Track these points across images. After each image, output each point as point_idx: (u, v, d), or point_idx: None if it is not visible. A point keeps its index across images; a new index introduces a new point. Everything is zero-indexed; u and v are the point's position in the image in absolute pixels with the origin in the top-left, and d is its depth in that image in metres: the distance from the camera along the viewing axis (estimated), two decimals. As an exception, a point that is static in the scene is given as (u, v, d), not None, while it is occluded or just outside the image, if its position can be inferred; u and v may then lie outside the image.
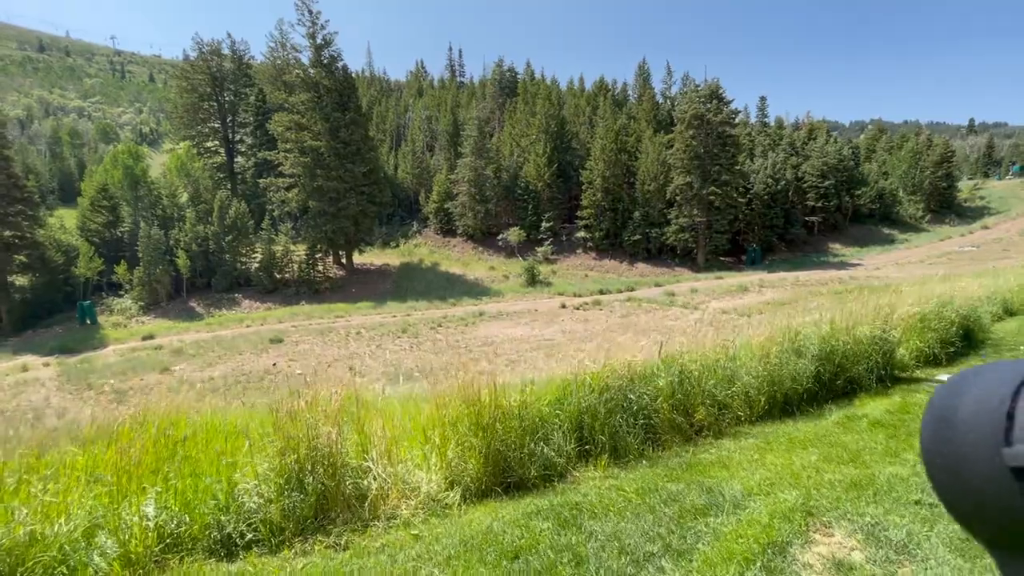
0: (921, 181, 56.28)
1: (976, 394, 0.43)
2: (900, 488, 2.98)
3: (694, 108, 42.89)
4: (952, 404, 0.45)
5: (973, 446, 0.41)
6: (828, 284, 33.12)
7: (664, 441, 3.89)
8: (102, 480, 2.81)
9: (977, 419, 0.41)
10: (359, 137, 40.80)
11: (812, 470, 3.22)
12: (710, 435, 4.07)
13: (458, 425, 3.30)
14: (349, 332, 28.54)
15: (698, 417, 4.06)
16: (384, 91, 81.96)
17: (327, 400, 3.28)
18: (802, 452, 3.56)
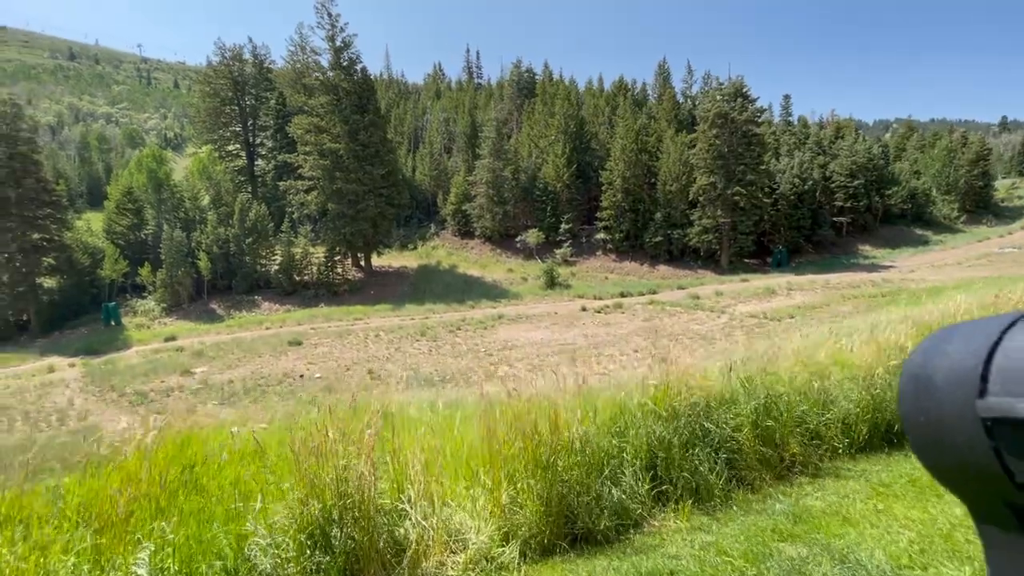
0: (956, 180, 54.12)
1: (953, 351, 0.44)
2: None
3: (718, 107, 41.83)
4: (930, 362, 0.46)
5: (949, 402, 0.42)
6: (860, 287, 31.83)
7: (751, 480, 3.28)
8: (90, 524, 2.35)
9: (954, 376, 0.43)
10: (377, 139, 40.73)
11: (965, 530, 2.57)
12: (805, 472, 3.44)
13: (513, 462, 2.75)
14: (367, 334, 28.29)
15: (791, 450, 3.45)
16: (402, 93, 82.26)
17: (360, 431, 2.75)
18: (937, 502, 2.90)
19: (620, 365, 19.94)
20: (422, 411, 6.73)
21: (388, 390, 17.76)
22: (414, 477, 2.81)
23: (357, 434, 2.79)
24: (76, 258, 36.68)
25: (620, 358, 21.39)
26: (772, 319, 26.21)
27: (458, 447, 3.28)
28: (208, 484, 3.38)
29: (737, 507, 3.03)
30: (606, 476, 2.95)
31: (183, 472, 3.12)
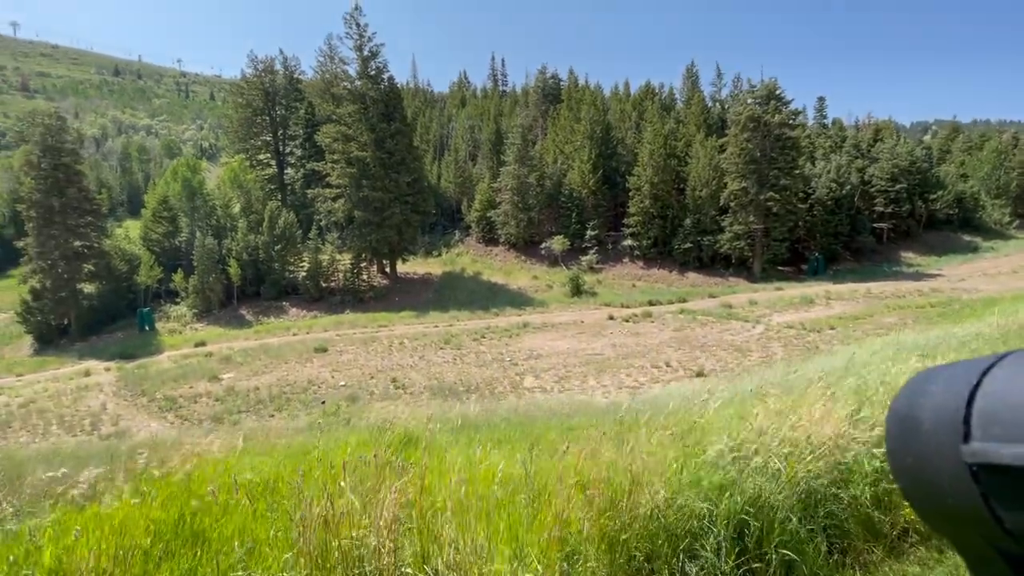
0: (1007, 183, 51.23)
1: (936, 395, 0.44)
2: None
3: (749, 110, 40.60)
4: (914, 406, 0.46)
5: (935, 447, 0.42)
6: (906, 296, 30.17)
7: (858, 552, 2.67)
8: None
9: (937, 420, 0.43)
10: (404, 147, 40.93)
11: None
12: (924, 544, 2.79)
13: (574, 539, 2.23)
14: (392, 342, 28.13)
15: (904, 513, 2.82)
16: (428, 102, 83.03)
17: (378, 504, 2.26)
18: None
19: (651, 378, 19.17)
20: (453, 437, 6.26)
21: (413, 403, 17.39)
22: (446, 548, 2.32)
23: (375, 488, 2.32)
24: (114, 264, 37.83)
25: (651, 370, 20.59)
26: (811, 330, 24.98)
27: (502, 503, 2.76)
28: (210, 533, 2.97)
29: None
30: (683, 548, 2.40)
31: (178, 523, 2.71)
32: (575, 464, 2.53)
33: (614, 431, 3.14)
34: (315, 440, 6.35)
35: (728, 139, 42.13)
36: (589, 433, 3.13)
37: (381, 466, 3.72)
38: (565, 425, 6.20)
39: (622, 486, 2.43)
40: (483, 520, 2.73)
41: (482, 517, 2.74)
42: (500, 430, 7.23)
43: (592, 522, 2.33)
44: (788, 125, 40.69)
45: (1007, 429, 0.37)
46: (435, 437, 6.57)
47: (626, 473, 2.46)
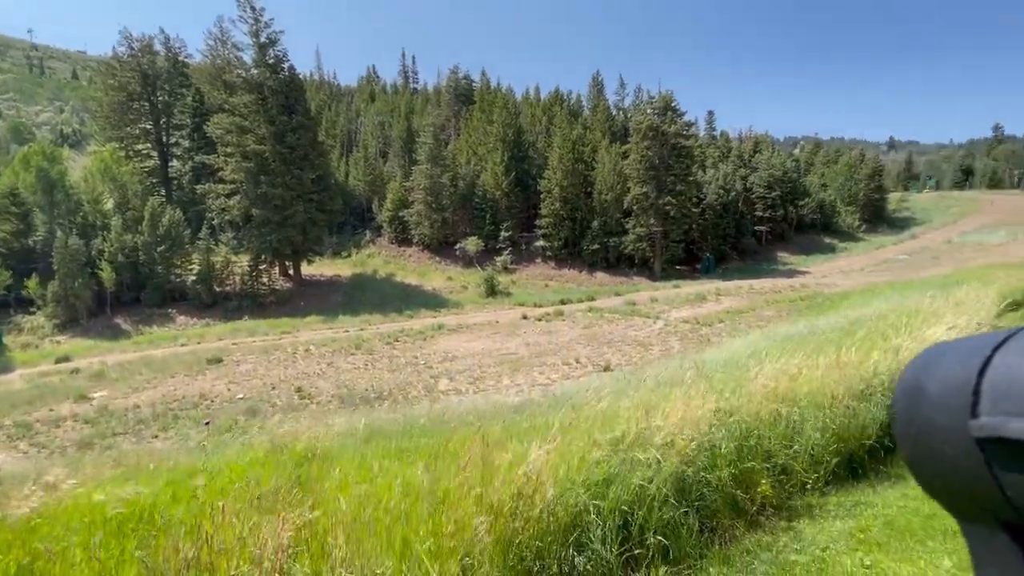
0: (856, 193, 59.73)
1: (945, 369, 0.45)
2: None
3: (649, 120, 43.53)
4: (922, 379, 0.46)
5: (942, 419, 0.43)
6: (781, 292, 34.00)
7: (724, 529, 2.98)
8: None
9: (946, 393, 0.43)
10: (307, 142, 38.70)
11: None
12: (778, 515, 3.19)
13: (470, 547, 2.24)
14: (297, 349, 26.48)
15: (761, 490, 3.20)
16: (334, 95, 79.23)
17: (268, 530, 2.11)
18: (924, 552, 2.70)
19: (563, 375, 19.84)
20: (359, 448, 6.04)
21: (320, 414, 16.52)
22: (337, 559, 2.24)
23: (270, 510, 2.18)
24: (-56, 269, 31.78)
25: (562, 367, 21.31)
26: (704, 324, 27.30)
27: (397, 519, 2.71)
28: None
29: (715, 568, 2.70)
30: (572, 542, 2.52)
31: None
32: (475, 469, 2.57)
33: (514, 432, 3.23)
34: (202, 462, 5.82)
35: (630, 146, 44.81)
36: (492, 436, 3.18)
37: (275, 487, 3.51)
38: (475, 428, 6.24)
39: (518, 488, 2.51)
40: (381, 534, 2.68)
41: (380, 531, 2.68)
42: (410, 437, 7.10)
43: (489, 527, 2.37)
44: (683, 135, 44.16)
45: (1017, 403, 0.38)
46: (339, 450, 6.30)
47: (523, 475, 2.55)
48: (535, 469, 2.69)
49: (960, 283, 12.82)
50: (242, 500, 3.24)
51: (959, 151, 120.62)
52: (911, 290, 18.82)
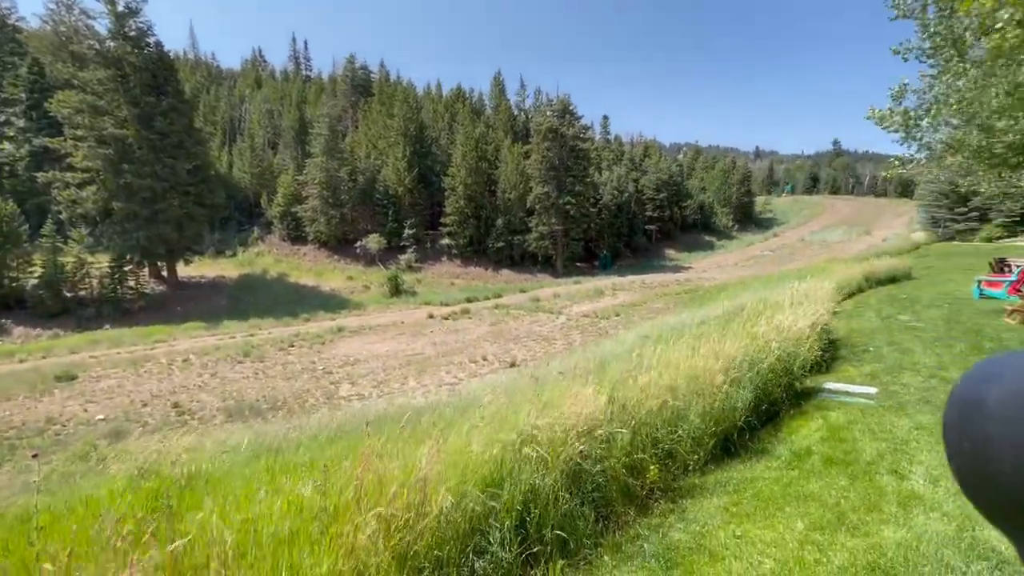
0: (730, 196, 66.87)
1: (1006, 382, 0.43)
2: (925, 567, 2.61)
3: (549, 121, 45.02)
4: (982, 391, 0.45)
5: (1001, 432, 0.41)
6: (669, 286, 36.97)
7: (618, 516, 3.15)
8: None
9: (1005, 407, 0.42)
10: (181, 128, 34.65)
11: (814, 550, 2.72)
12: (665, 497, 3.44)
13: (364, 563, 2.11)
14: (173, 360, 23.65)
15: (650, 476, 3.43)
16: (214, 78, 71.82)
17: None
18: (783, 518, 3.08)
19: (470, 373, 19.86)
20: (245, 467, 5.52)
21: (203, 430, 14.93)
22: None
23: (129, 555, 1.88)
24: None
25: (470, 365, 21.32)
26: (602, 318, 28.87)
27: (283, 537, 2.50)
28: None
29: (608, 555, 2.85)
30: (471, 547, 2.50)
31: None
32: (369, 480, 2.45)
33: (411, 437, 3.14)
34: (45, 500, 4.97)
35: (532, 147, 46.02)
36: (388, 442, 3.06)
37: (139, 521, 3.09)
38: (374, 435, 6.01)
39: (413, 497, 2.44)
40: (267, 560, 2.46)
41: (266, 557, 2.46)
42: (306, 450, 6.66)
43: (384, 541, 2.28)
44: (580, 138, 46.26)
45: None
46: (223, 469, 5.73)
47: (418, 483, 2.48)
48: (428, 475, 2.63)
49: (809, 276, 14.85)
50: (95, 542, 2.81)
51: (808, 161, 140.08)
52: (773, 283, 21.49)
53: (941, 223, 42.29)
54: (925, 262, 26.91)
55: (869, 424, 4.72)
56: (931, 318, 10.53)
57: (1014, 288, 13.46)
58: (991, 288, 13.94)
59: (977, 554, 2.71)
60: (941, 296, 14.04)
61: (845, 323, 10.20)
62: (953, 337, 8.59)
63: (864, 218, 64.99)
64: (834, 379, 6.40)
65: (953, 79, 8.93)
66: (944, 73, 9.19)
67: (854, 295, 15.57)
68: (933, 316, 10.74)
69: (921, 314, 11.10)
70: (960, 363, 6.91)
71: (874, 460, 3.92)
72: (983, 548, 2.75)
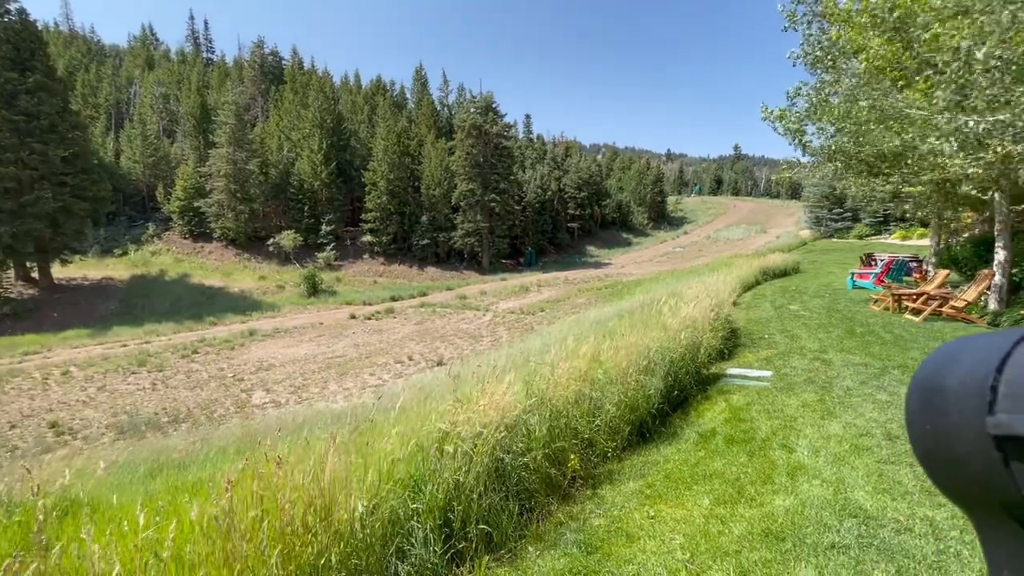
0: (645, 195, 70.62)
1: (963, 366, 0.44)
2: (807, 528, 2.91)
3: (472, 118, 44.91)
4: (938, 376, 0.46)
5: (958, 416, 0.43)
6: (590, 282, 38.38)
7: (541, 507, 3.22)
8: None
9: (964, 390, 0.43)
10: (53, 110, 30.52)
11: (717, 523, 2.95)
12: (586, 485, 3.57)
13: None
14: (49, 373, 20.87)
15: (571, 465, 3.54)
16: (94, 55, 63.94)
17: None
18: (691, 496, 3.31)
19: (395, 374, 19.39)
20: (141, 488, 5.00)
21: (88, 451, 13.37)
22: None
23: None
24: None
25: (395, 366, 20.81)
26: (528, 313, 29.37)
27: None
28: None
29: (532, 546, 2.91)
30: (392, 551, 2.44)
31: None
32: (268, 493, 2.30)
33: (316, 443, 3.01)
34: None
35: (456, 143, 45.68)
36: (291, 452, 2.90)
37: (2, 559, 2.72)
38: (283, 442, 5.73)
39: (318, 505, 2.33)
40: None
41: None
42: (212, 464, 6.17)
43: (287, 556, 2.16)
44: (503, 136, 46.61)
45: None
46: (112, 493, 5.16)
47: (323, 490, 2.37)
48: (334, 481, 2.52)
49: (715, 270, 16.11)
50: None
51: (713, 164, 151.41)
52: (683, 276, 23.02)
53: (823, 222, 47.54)
54: (811, 257, 30.18)
55: (764, 405, 5.22)
56: (815, 307, 11.82)
57: (879, 279, 15.49)
58: (862, 279, 15.94)
59: (848, 512, 3.10)
60: (823, 287, 15.80)
61: (744, 313, 11.17)
62: (832, 324, 9.71)
63: (761, 217, 71.51)
64: (735, 365, 7.00)
65: (830, 90, 10.05)
66: (824, 84, 10.35)
67: (752, 288, 17.08)
68: (816, 305, 12.07)
69: (807, 303, 12.43)
70: (837, 346, 7.84)
71: (768, 437, 4.35)
72: (853, 507, 3.15)
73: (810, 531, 2.87)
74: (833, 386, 5.77)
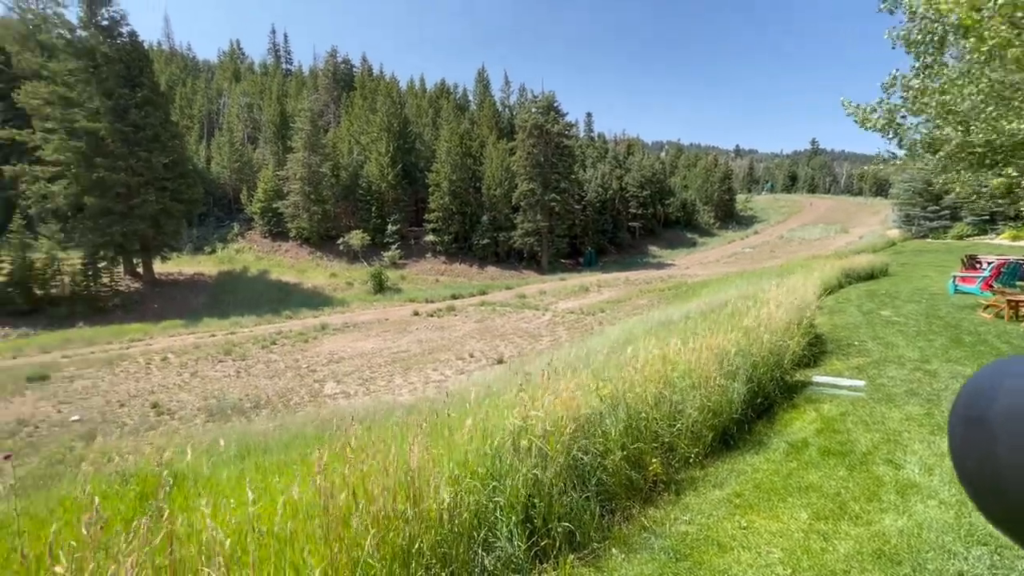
0: (712, 194, 67.72)
1: (1008, 391, 0.42)
2: (927, 552, 2.65)
3: (533, 118, 44.95)
4: (982, 402, 0.44)
5: (1006, 443, 0.40)
6: (652, 283, 37.28)
7: (622, 509, 3.14)
8: None
9: (1010, 415, 0.41)
10: (157, 121, 33.71)
11: (819, 539, 2.75)
12: (668, 490, 3.44)
13: (367, 564, 2.04)
14: (151, 359, 23.06)
15: (652, 469, 3.42)
16: (190, 70, 70.06)
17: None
18: (786, 508, 3.11)
19: (457, 370, 19.75)
20: (233, 466, 5.38)
21: (184, 431, 14.60)
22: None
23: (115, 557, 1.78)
24: None
25: (456, 362, 21.22)
26: (588, 314, 28.98)
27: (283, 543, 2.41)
28: None
29: (617, 548, 2.83)
30: (478, 542, 2.45)
31: None
32: (357, 477, 2.37)
33: (399, 433, 3.08)
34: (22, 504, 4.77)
35: (517, 143, 45.92)
36: (379, 438, 2.99)
37: (127, 523, 2.98)
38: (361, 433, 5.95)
39: (408, 493, 2.37)
40: (268, 562, 2.38)
41: (265, 559, 2.38)
42: (293, 449, 6.53)
43: (382, 540, 2.21)
44: (565, 135, 46.30)
45: None
46: (209, 470, 5.58)
47: (409, 478, 2.41)
48: (420, 470, 2.56)
49: (791, 272, 15.12)
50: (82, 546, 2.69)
51: (787, 160, 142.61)
52: (755, 279, 21.80)
53: (915, 221, 43.42)
54: (900, 258, 27.64)
55: (861, 416, 4.80)
56: (910, 313, 10.79)
57: (987, 284, 13.89)
58: (965, 284, 14.36)
59: (976, 539, 2.77)
60: (918, 292, 14.40)
61: (828, 318, 10.39)
62: (934, 331, 8.81)
63: (841, 216, 66.47)
64: (822, 373, 6.50)
65: (934, 75, 9.10)
66: (925, 68, 9.37)
67: (834, 291, 15.88)
68: (912, 311, 11.01)
69: (900, 309, 11.37)
70: (942, 356, 7.08)
71: (869, 451, 3.99)
72: (982, 534, 2.81)
73: (931, 556, 2.59)
74: (941, 399, 5.21)
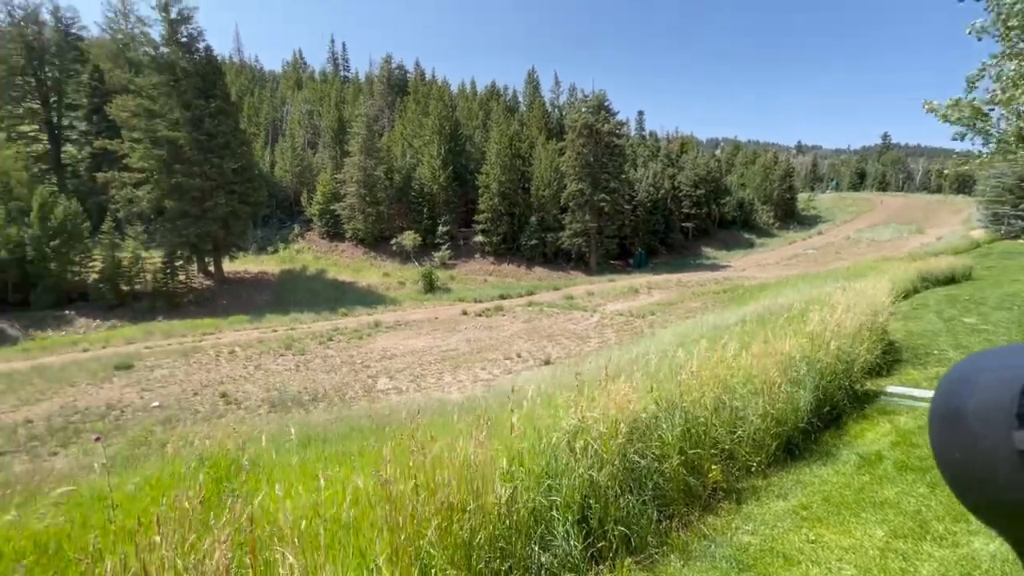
0: (771, 192, 64.57)
1: (986, 382, 0.43)
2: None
3: (583, 118, 44.56)
4: (958, 396, 0.45)
5: (984, 434, 0.41)
6: (706, 285, 36.03)
7: (680, 516, 3.08)
8: None
9: (987, 406, 0.42)
10: (228, 129, 36.04)
11: (898, 559, 2.59)
12: (728, 498, 3.35)
13: (428, 553, 2.13)
14: (220, 352, 24.68)
15: (712, 476, 3.33)
16: (257, 80, 74.43)
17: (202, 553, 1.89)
18: (859, 524, 2.95)
19: (505, 369, 19.90)
20: (296, 455, 5.66)
21: (249, 419, 15.51)
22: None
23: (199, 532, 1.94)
24: None
25: (504, 362, 21.37)
26: (637, 316, 28.40)
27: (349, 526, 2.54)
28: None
29: (675, 554, 2.78)
30: (535, 539, 2.48)
31: None
32: (424, 471, 2.46)
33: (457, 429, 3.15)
34: (115, 480, 5.24)
35: (566, 143, 45.67)
36: (436, 434, 3.07)
37: (206, 502, 3.21)
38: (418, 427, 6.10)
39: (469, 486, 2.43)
40: (335, 547, 2.51)
41: (333, 544, 2.51)
42: (352, 440, 6.80)
43: (444, 530, 2.28)
44: (615, 134, 45.60)
45: None
46: (273, 458, 5.91)
47: (470, 472, 2.47)
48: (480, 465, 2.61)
49: (860, 275, 14.17)
50: (167, 521, 2.93)
51: (854, 156, 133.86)
52: (819, 282, 20.60)
53: (1004, 220, 39.58)
54: (986, 261, 25.29)
55: (941, 430, 4.44)
56: (1000, 321, 9.87)
57: (1092, 289, 12.49)
58: (1065, 289, 12.98)
59: (1079, 571, 2.50)
60: (1008, 298, 13.15)
61: (902, 325, 9.67)
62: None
63: (916, 215, 61.65)
64: (896, 383, 6.07)
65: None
66: (1015, 56, 8.55)
67: (909, 296, 14.76)
68: (1002, 319, 10.07)
69: (988, 316, 10.42)
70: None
71: (951, 468, 3.68)
72: (1085, 564, 2.54)
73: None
74: (1035, 415, 4.73)
